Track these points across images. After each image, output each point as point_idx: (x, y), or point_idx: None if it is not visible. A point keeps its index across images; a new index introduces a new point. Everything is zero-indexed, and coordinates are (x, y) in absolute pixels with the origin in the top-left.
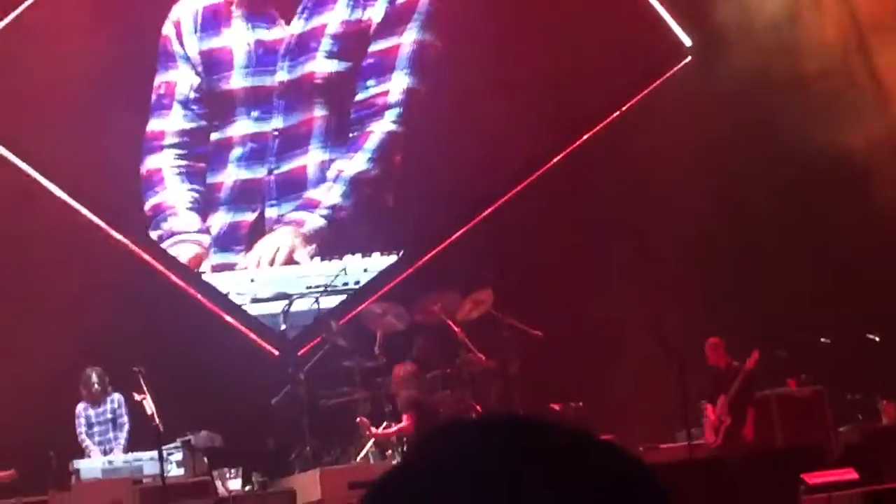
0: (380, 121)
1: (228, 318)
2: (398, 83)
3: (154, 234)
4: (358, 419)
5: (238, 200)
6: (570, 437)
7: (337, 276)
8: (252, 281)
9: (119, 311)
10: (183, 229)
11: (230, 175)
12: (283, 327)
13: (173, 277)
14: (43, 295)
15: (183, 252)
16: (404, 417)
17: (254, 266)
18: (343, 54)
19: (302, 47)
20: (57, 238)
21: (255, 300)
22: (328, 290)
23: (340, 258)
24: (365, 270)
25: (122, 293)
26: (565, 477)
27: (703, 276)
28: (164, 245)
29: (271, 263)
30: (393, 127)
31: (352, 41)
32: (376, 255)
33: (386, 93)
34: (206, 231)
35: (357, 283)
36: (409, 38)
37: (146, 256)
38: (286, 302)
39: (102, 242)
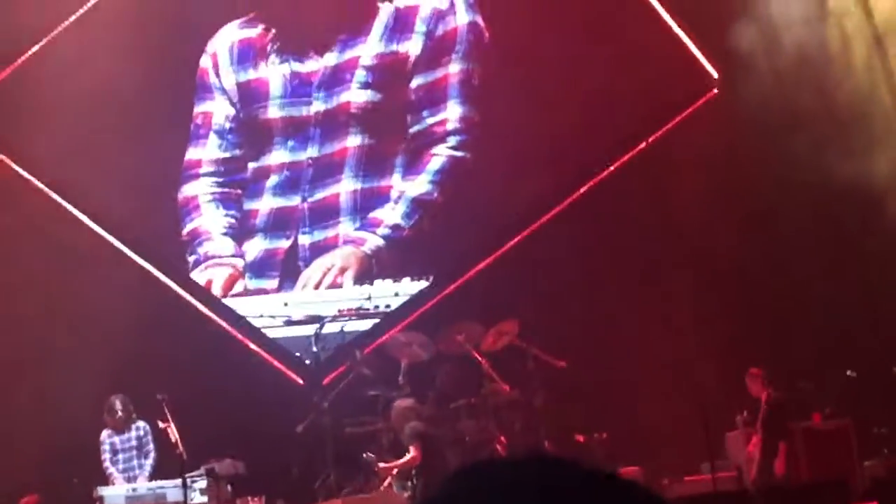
0: (440, 146)
1: (253, 346)
2: (453, 112)
3: (190, 259)
4: (364, 455)
5: (273, 227)
6: (591, 474)
7: (367, 299)
8: (285, 305)
9: (145, 338)
10: (218, 253)
11: (266, 203)
12: (314, 349)
13: (199, 305)
14: (68, 320)
15: (217, 275)
16: (411, 449)
17: (305, 285)
18: (377, 85)
19: (336, 78)
20: (83, 265)
21: (289, 322)
22: (360, 314)
23: (393, 279)
24: (396, 294)
25: (147, 320)
26: None
27: (731, 308)
28: (199, 268)
29: (318, 284)
30: (453, 152)
31: (387, 73)
32: (406, 280)
33: (443, 122)
34: (241, 256)
35: (388, 306)
36: (454, 68)
37: (172, 284)
38: (318, 325)
39: (128, 268)
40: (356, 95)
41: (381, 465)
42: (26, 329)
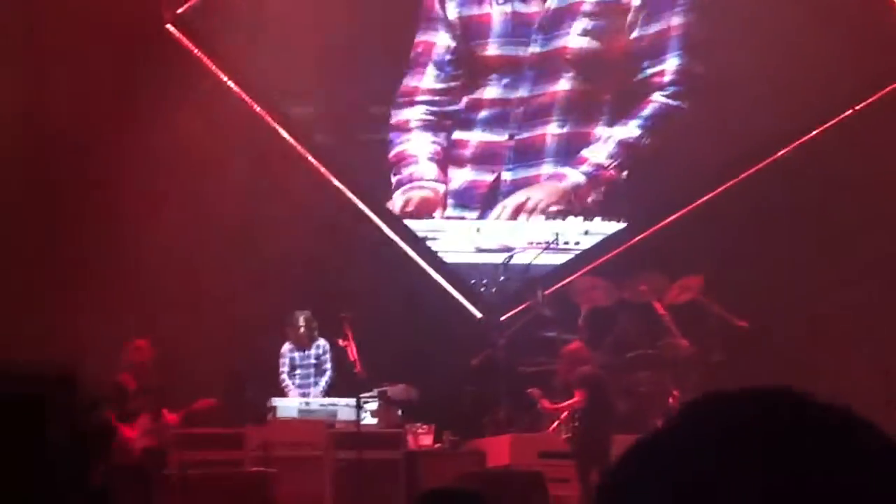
0: (657, 94)
1: (436, 276)
2: (671, 64)
3: (393, 179)
4: (529, 390)
5: (479, 160)
6: (834, 412)
7: (556, 235)
8: (478, 231)
9: (333, 258)
10: (421, 176)
11: (475, 135)
12: (501, 278)
13: (390, 232)
14: (261, 233)
15: (416, 196)
16: (576, 393)
17: (500, 215)
18: (596, 33)
19: (557, 22)
20: (280, 182)
21: (479, 250)
22: (550, 248)
23: (584, 217)
24: (585, 233)
25: (338, 241)
26: (830, 453)
27: None
28: (401, 189)
29: (513, 214)
30: (668, 100)
31: (608, 21)
32: (597, 219)
33: (662, 73)
34: (444, 182)
35: (577, 243)
36: (676, 21)
37: (366, 208)
38: (507, 256)
39: (324, 190)
40: (574, 41)
41: (546, 403)
42: (218, 238)
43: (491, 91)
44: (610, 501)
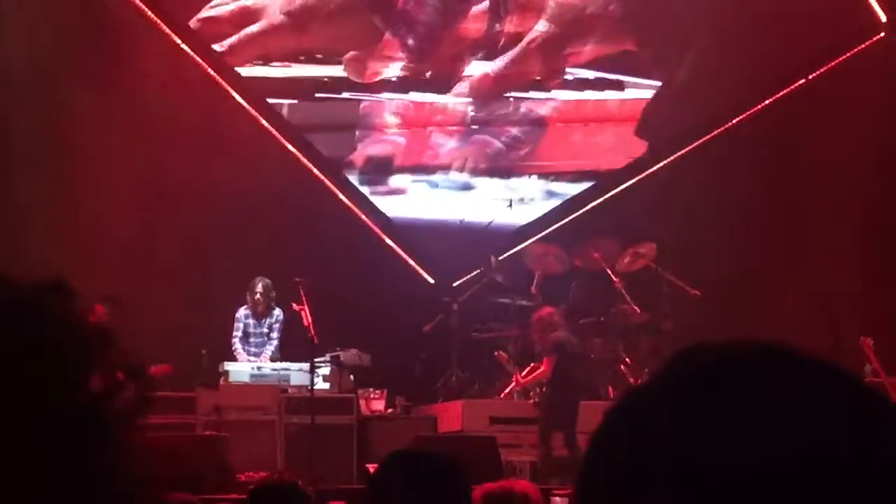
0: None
1: (389, 242)
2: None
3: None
4: (497, 353)
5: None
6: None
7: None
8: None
9: (287, 224)
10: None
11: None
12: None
13: (345, 199)
14: (221, 200)
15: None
16: (545, 360)
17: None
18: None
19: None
20: (240, 149)
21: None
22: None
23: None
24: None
25: (293, 205)
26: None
27: (866, 261)
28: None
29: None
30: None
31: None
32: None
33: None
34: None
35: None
36: None
37: (321, 175)
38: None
39: (279, 153)
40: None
41: (518, 378)
42: (173, 202)
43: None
44: (602, 447)
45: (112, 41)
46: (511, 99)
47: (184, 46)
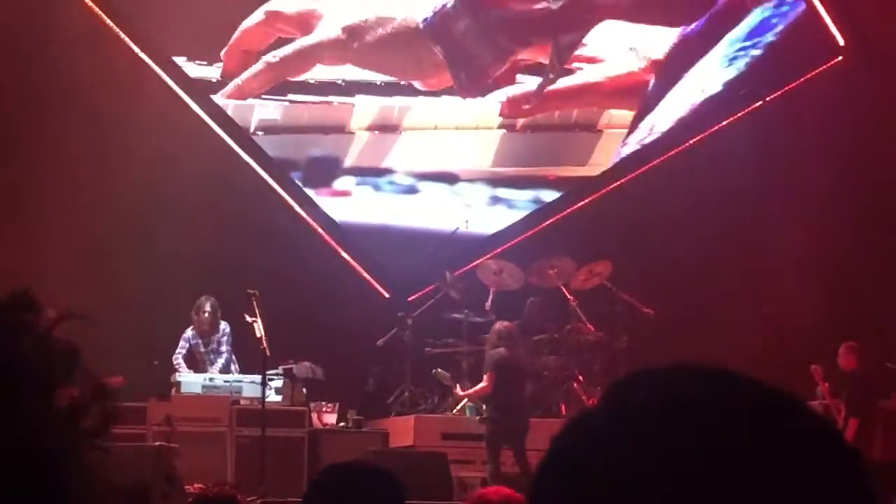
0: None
1: (344, 254)
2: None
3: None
4: (434, 371)
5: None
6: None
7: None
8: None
9: (240, 238)
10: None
11: None
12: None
13: (301, 211)
14: (174, 211)
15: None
16: (485, 377)
17: None
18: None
19: None
20: (186, 153)
21: None
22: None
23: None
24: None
25: (244, 219)
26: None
27: (823, 278)
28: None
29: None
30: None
31: None
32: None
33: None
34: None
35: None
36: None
37: (275, 185)
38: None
39: (229, 161)
40: None
41: (458, 391)
42: (126, 210)
43: None
44: (550, 474)
45: (65, 51)
46: None
47: (138, 51)
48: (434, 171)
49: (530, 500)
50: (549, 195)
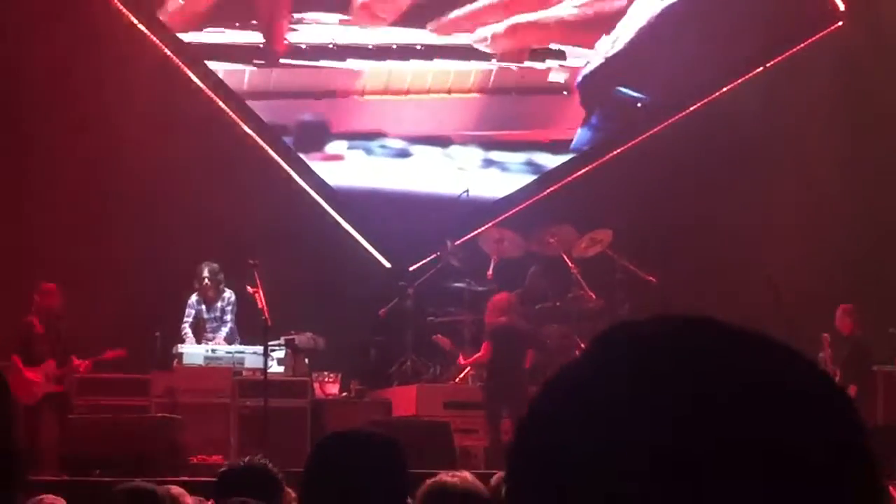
0: None
1: (345, 225)
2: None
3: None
4: (434, 337)
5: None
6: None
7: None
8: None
9: (243, 208)
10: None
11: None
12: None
13: (298, 179)
14: (174, 182)
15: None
16: (483, 345)
17: None
18: None
19: None
20: (192, 127)
21: None
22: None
23: None
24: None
25: (247, 188)
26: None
27: (826, 244)
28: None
29: None
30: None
31: None
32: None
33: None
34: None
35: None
36: None
37: (276, 156)
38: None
39: (233, 135)
40: None
41: (461, 359)
42: (128, 184)
43: None
44: (527, 431)
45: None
46: None
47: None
48: (426, 134)
49: (508, 457)
50: (543, 157)
